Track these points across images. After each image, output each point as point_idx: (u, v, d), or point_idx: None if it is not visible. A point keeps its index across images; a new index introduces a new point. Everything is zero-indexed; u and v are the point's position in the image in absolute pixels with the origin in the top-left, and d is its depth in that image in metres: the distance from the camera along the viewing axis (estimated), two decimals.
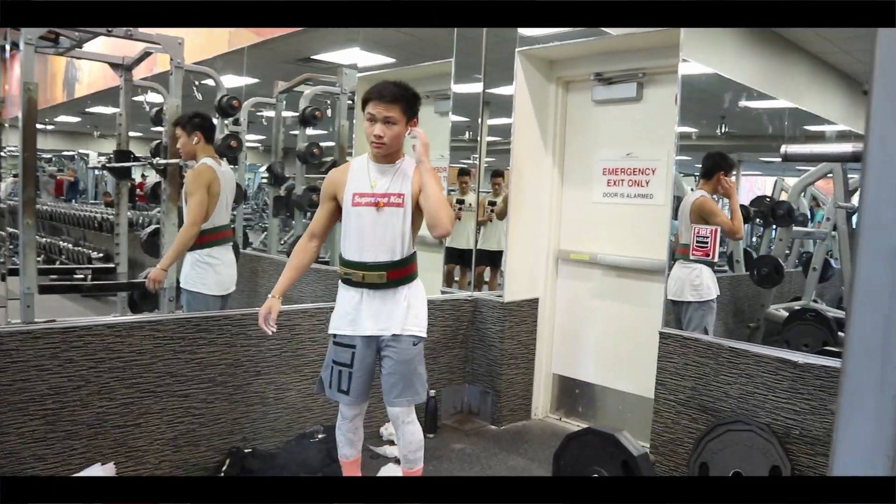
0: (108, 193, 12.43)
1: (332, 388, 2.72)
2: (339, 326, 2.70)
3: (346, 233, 2.66)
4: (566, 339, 4.29)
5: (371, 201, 2.61)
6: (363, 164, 2.68)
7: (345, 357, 2.68)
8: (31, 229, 4.55)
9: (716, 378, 3.22)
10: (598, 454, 2.82)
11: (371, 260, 2.61)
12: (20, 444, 2.70)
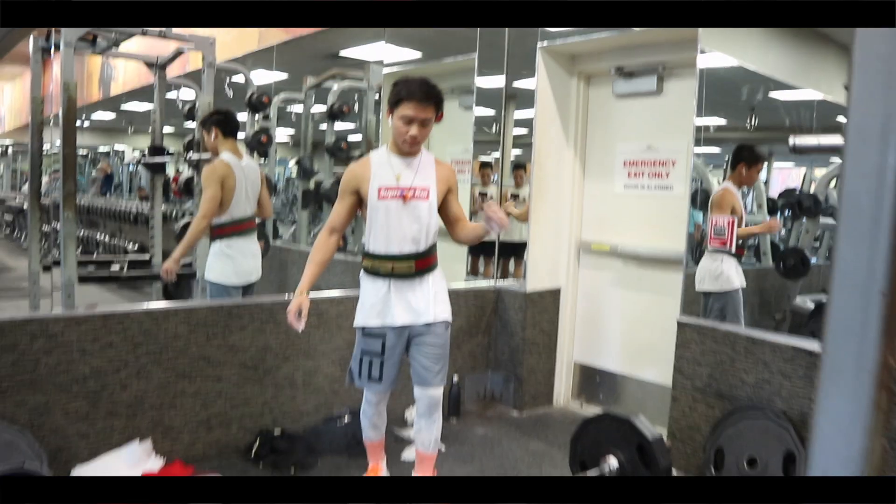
0: (142, 188, 12.71)
1: (363, 378, 2.79)
2: (367, 319, 2.75)
3: (372, 226, 2.69)
4: (587, 328, 4.37)
5: (397, 194, 2.66)
6: (384, 158, 2.71)
7: (375, 346, 2.74)
8: (71, 222, 4.74)
9: (732, 366, 3.28)
10: (614, 437, 2.90)
11: (398, 252, 2.68)
12: (65, 421, 2.87)
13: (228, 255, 3.86)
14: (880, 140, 1.04)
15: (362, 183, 2.68)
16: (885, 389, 1.08)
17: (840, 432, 1.10)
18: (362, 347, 2.78)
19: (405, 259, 2.70)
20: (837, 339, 1.10)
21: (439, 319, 2.76)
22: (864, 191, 1.09)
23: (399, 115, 2.59)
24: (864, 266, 1.06)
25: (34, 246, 5.73)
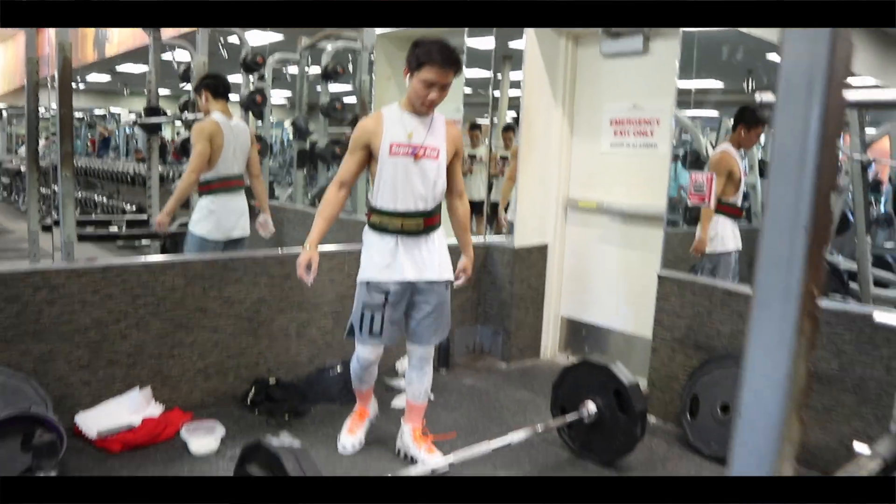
0: (139, 150, 12.75)
1: (364, 332, 2.79)
2: (373, 274, 2.75)
3: (381, 182, 2.70)
4: (574, 282, 4.49)
5: (409, 151, 2.67)
6: (397, 115, 2.71)
7: (378, 299, 2.75)
8: (69, 182, 4.82)
9: (709, 318, 3.41)
10: (593, 384, 3.03)
11: (407, 209, 2.70)
12: (68, 370, 3.00)
13: (212, 210, 4.02)
14: (806, 94, 1.15)
15: (374, 138, 2.68)
16: (807, 316, 1.20)
17: (768, 357, 1.21)
18: (364, 301, 2.78)
19: (414, 216, 2.72)
20: (767, 271, 1.21)
21: (443, 278, 2.82)
22: (791, 139, 1.19)
23: (420, 79, 2.57)
24: (791, 204, 1.17)
25: (33, 206, 5.82)
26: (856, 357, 2.89)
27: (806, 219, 1.16)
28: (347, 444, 3.04)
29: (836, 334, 2.93)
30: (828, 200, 1.21)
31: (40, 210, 5.98)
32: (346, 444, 3.04)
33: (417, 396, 2.98)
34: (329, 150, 6.44)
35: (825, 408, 2.97)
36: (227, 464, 2.87)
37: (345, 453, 3.01)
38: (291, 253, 3.63)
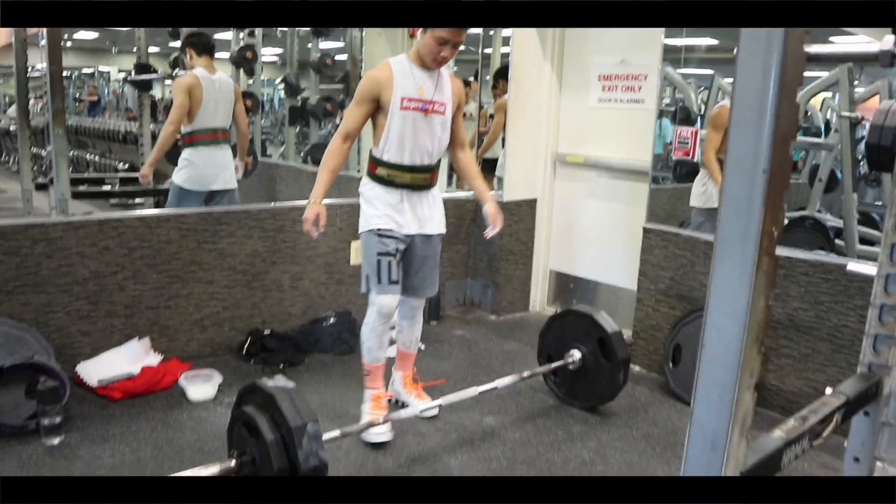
0: (129, 109, 12.65)
1: (383, 282, 2.71)
2: (381, 223, 2.71)
3: (390, 135, 2.65)
4: (562, 236, 4.57)
5: (419, 106, 2.64)
6: (406, 68, 2.65)
7: (390, 245, 2.71)
8: (62, 139, 4.85)
9: (692, 269, 3.50)
10: (578, 332, 3.14)
11: (414, 163, 2.70)
12: (68, 320, 3.09)
13: (191, 161, 4.14)
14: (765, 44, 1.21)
15: (385, 90, 2.62)
16: (766, 254, 1.28)
17: (730, 293, 1.29)
18: (378, 250, 2.71)
19: (422, 171, 2.73)
20: (729, 213, 1.29)
21: (440, 232, 2.88)
22: (750, 86, 1.26)
23: (434, 36, 2.55)
24: (750, 150, 1.24)
25: (25, 165, 5.84)
26: (831, 306, 2.99)
27: (765, 163, 1.24)
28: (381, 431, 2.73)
29: (813, 284, 3.03)
30: (787, 146, 1.28)
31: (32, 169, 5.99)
32: (378, 432, 2.72)
33: (409, 345, 3.07)
34: (320, 107, 6.45)
35: (802, 356, 3.08)
36: (225, 410, 2.97)
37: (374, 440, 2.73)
38: (284, 206, 3.72)
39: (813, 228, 4.69)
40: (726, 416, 1.28)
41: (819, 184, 4.69)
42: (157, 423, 2.83)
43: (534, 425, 2.98)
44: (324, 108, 6.44)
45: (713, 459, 1.32)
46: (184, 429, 2.80)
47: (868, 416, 2.17)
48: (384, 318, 2.78)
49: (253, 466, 2.04)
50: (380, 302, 2.75)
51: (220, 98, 4.16)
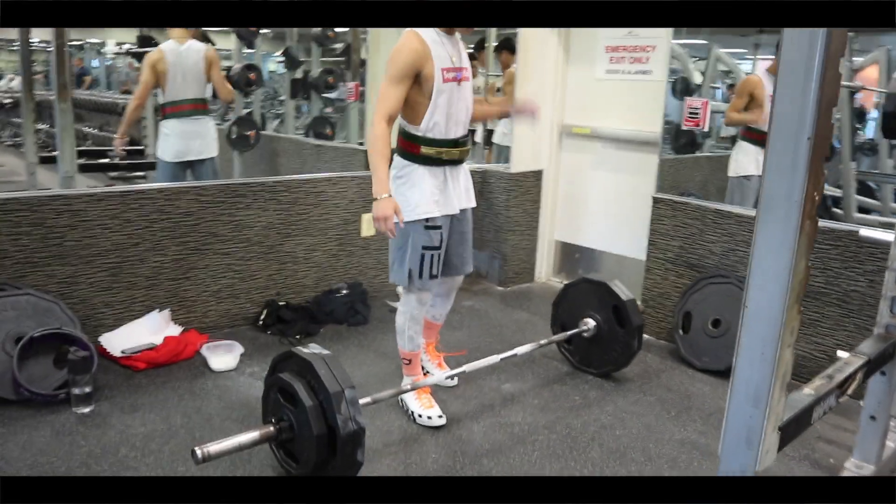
0: (125, 82, 12.52)
1: (424, 278, 2.61)
2: (430, 210, 2.56)
3: (435, 110, 2.50)
4: (568, 207, 4.62)
5: (455, 76, 2.52)
6: (436, 37, 2.48)
7: (436, 239, 2.60)
8: (67, 113, 4.84)
9: (701, 237, 3.57)
10: (591, 300, 3.20)
11: (458, 136, 2.59)
12: (91, 292, 3.12)
13: (166, 133, 4.26)
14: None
15: (426, 63, 2.44)
16: (809, 218, 1.34)
17: (773, 254, 1.36)
18: (423, 244, 2.58)
19: (464, 144, 2.62)
20: (773, 178, 1.34)
21: (474, 205, 2.80)
22: (797, 55, 1.31)
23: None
24: (796, 117, 1.30)
25: (29, 139, 5.82)
26: (841, 272, 3.06)
27: (810, 130, 1.29)
28: (434, 415, 2.70)
29: (823, 251, 3.10)
30: (829, 114, 1.34)
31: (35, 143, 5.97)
32: (432, 416, 2.70)
33: (438, 318, 3.02)
34: (322, 80, 6.45)
35: (811, 321, 3.16)
36: (247, 379, 3.03)
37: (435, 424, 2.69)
38: (299, 178, 3.76)
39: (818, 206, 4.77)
40: (769, 372, 1.35)
41: None
42: (184, 392, 2.89)
43: (551, 391, 3.06)
44: (326, 81, 6.43)
45: (755, 414, 1.39)
46: (210, 397, 2.86)
47: (884, 376, 2.25)
48: (423, 305, 2.72)
49: (291, 431, 2.10)
50: (418, 293, 2.67)
51: (187, 69, 4.21)
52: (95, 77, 15.34)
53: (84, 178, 7.00)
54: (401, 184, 2.58)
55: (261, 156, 6.25)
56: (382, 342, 3.51)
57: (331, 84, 6.47)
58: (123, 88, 11.94)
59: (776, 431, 1.44)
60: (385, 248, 4.14)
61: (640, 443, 2.64)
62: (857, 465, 2.33)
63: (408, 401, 2.75)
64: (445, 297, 2.97)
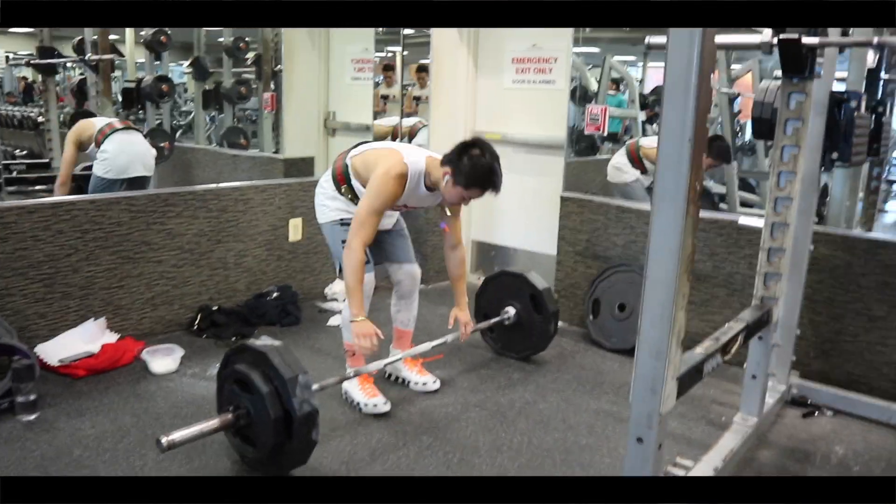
0: (10, 94, 12.03)
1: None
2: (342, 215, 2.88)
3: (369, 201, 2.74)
4: (483, 208, 4.91)
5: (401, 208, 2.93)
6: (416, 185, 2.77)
7: None
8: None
9: (606, 231, 3.92)
10: (511, 291, 3.49)
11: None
12: (24, 303, 3.16)
13: (108, 151, 4.24)
14: (688, 37, 1.56)
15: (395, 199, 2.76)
16: (692, 203, 1.65)
17: (666, 232, 1.66)
18: (343, 238, 2.80)
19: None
20: (664, 172, 1.65)
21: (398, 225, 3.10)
22: (679, 72, 1.61)
23: (465, 195, 2.72)
24: (679, 123, 1.60)
25: None
26: (726, 257, 3.47)
27: (690, 133, 1.60)
28: (379, 402, 2.90)
29: (710, 238, 3.50)
30: (705, 119, 1.66)
31: None
32: (377, 404, 2.89)
33: (407, 324, 3.19)
34: (234, 90, 6.52)
35: (702, 301, 3.56)
36: (190, 380, 3.15)
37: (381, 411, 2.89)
38: (227, 187, 3.89)
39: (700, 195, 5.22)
40: (666, 330, 1.66)
41: None
42: (128, 395, 2.98)
43: (478, 375, 3.33)
44: (238, 92, 6.51)
45: (657, 366, 1.69)
46: (155, 398, 2.96)
47: (761, 340, 2.64)
48: (366, 298, 2.88)
49: (248, 418, 2.27)
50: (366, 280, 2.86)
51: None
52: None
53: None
54: (324, 196, 2.96)
55: (174, 167, 6.26)
56: (316, 340, 3.69)
57: (243, 94, 6.55)
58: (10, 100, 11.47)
59: (675, 380, 1.75)
60: (312, 252, 4.33)
61: (561, 414, 2.95)
62: (742, 419, 2.71)
63: (352, 392, 2.94)
64: (408, 298, 3.15)
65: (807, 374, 3.22)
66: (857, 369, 3.16)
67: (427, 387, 3.12)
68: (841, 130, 2.67)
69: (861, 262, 3.11)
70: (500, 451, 2.62)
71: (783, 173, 2.55)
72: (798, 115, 2.49)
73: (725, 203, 5.16)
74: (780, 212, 2.58)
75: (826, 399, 3.07)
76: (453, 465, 2.50)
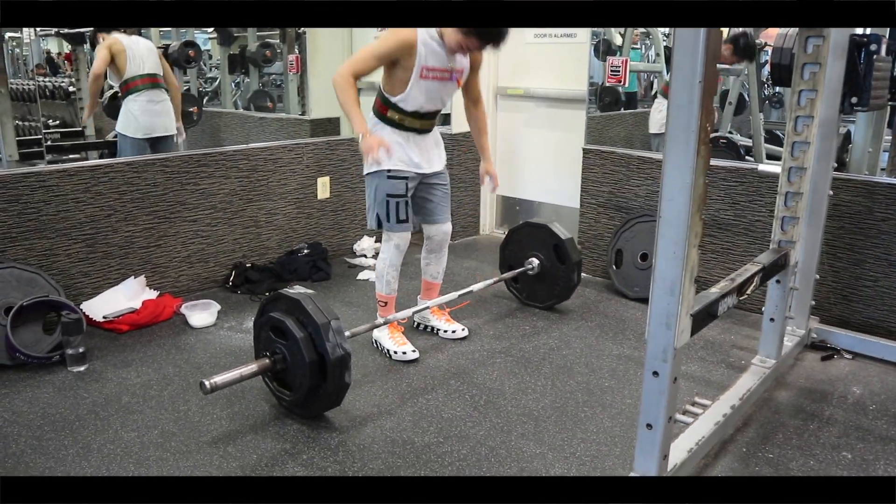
0: (39, 65, 12.23)
1: (392, 221, 2.91)
2: (392, 163, 2.85)
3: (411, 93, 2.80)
4: (507, 163, 4.98)
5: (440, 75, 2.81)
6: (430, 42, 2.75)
7: (401, 188, 2.88)
8: (4, 98, 4.91)
9: (628, 182, 3.97)
10: (534, 242, 3.57)
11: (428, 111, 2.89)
12: (69, 262, 3.32)
13: (131, 109, 4.42)
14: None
15: (407, 58, 2.73)
16: (703, 143, 1.71)
17: (678, 173, 1.72)
18: (388, 192, 2.87)
19: (430, 118, 2.92)
20: (676, 114, 1.70)
21: (443, 166, 3.07)
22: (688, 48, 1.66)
23: (463, 42, 2.69)
24: (689, 65, 1.65)
25: None
26: (747, 205, 3.51)
27: (700, 75, 1.65)
28: (408, 350, 3.01)
29: (731, 187, 3.53)
30: (714, 62, 1.70)
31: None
32: (406, 351, 3.00)
33: (435, 276, 3.25)
34: (260, 54, 6.59)
35: (724, 249, 3.61)
36: (227, 332, 3.29)
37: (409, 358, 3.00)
38: (256, 147, 3.99)
39: (726, 147, 5.20)
40: (679, 267, 1.73)
41: (729, 107, 5.16)
42: (170, 347, 3.14)
43: (503, 324, 3.43)
44: (263, 55, 6.58)
45: (671, 302, 1.77)
46: (195, 350, 3.12)
47: (779, 284, 2.70)
48: (401, 252, 3.01)
49: (284, 362, 2.40)
50: (395, 238, 2.97)
51: (143, 52, 4.44)
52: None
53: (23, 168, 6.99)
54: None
55: (202, 131, 6.38)
56: (347, 293, 3.82)
57: (268, 58, 6.62)
58: (40, 71, 11.67)
59: (689, 316, 1.83)
60: (340, 209, 4.44)
61: (584, 359, 3.04)
62: (761, 360, 2.78)
63: (382, 340, 3.07)
64: (438, 252, 3.20)
65: (827, 320, 3.28)
66: (877, 314, 3.20)
67: (456, 334, 3.23)
68: (861, 74, 2.68)
69: (882, 207, 3.13)
70: (525, 393, 2.73)
71: (800, 118, 2.58)
72: (815, 60, 2.51)
73: (752, 156, 5.15)
74: (797, 156, 2.61)
75: (845, 343, 3.13)
76: (480, 406, 2.62)
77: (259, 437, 2.39)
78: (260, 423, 2.48)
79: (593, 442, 2.40)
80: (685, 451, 2.14)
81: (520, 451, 2.34)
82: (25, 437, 2.39)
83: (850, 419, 2.57)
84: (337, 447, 2.34)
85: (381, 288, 3.08)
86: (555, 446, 2.37)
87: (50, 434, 2.41)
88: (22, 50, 13.98)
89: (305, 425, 2.47)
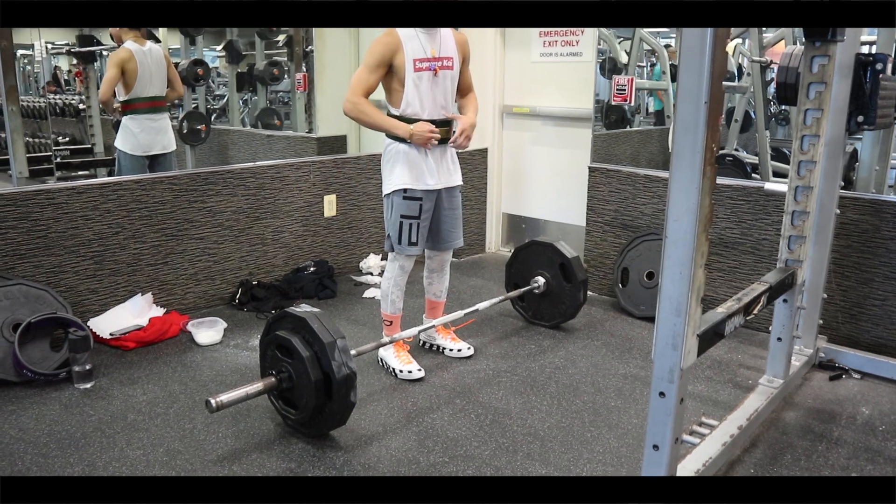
0: (50, 83, 12.35)
1: (403, 244, 2.91)
2: (406, 182, 2.85)
3: (407, 94, 2.80)
4: (513, 181, 4.99)
5: (429, 66, 2.81)
6: (410, 32, 2.79)
7: (414, 210, 2.88)
8: (16, 116, 4.95)
9: (634, 201, 3.97)
10: (540, 260, 3.57)
11: (434, 117, 2.85)
12: (77, 279, 3.33)
13: (128, 127, 4.44)
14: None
15: (397, 54, 2.76)
16: (709, 164, 1.71)
17: (684, 193, 1.72)
18: (402, 213, 2.88)
19: (440, 125, 2.86)
20: (682, 134, 1.71)
21: (460, 183, 3.04)
22: (695, 38, 1.67)
23: None
24: (695, 86, 1.66)
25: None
26: (753, 224, 3.51)
27: (706, 96, 1.66)
28: (413, 369, 3.01)
29: (737, 206, 3.53)
30: (721, 83, 1.71)
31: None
32: (412, 370, 3.01)
33: (438, 295, 3.26)
34: (268, 72, 6.64)
35: (730, 268, 3.60)
36: (233, 350, 3.29)
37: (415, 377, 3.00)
38: (263, 165, 4.01)
39: (732, 165, 5.20)
40: (686, 287, 1.73)
41: (735, 124, 5.17)
42: (176, 365, 3.14)
43: (509, 343, 3.42)
44: (271, 73, 6.63)
45: (678, 323, 1.77)
46: (201, 367, 3.12)
47: (786, 303, 2.69)
48: (405, 272, 3.03)
49: (290, 381, 2.40)
50: (401, 259, 2.99)
51: (154, 67, 4.45)
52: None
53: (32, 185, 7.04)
54: (385, 161, 2.94)
55: (210, 149, 6.42)
56: (353, 312, 3.82)
57: (276, 76, 6.67)
58: (50, 88, 11.77)
59: (695, 337, 1.82)
60: (346, 227, 4.45)
61: (590, 378, 3.03)
62: (768, 380, 2.77)
63: (388, 359, 3.07)
64: (439, 273, 3.22)
65: (835, 339, 3.26)
66: (886, 333, 3.19)
67: (462, 353, 3.23)
68: (866, 93, 2.69)
69: (889, 225, 3.12)
70: (531, 412, 2.72)
71: (806, 137, 2.58)
72: (821, 79, 2.51)
73: (758, 173, 5.15)
74: (804, 175, 2.61)
75: (854, 363, 3.11)
76: (485, 426, 2.61)
77: (264, 455, 2.39)
78: (265, 442, 2.48)
79: (599, 462, 2.39)
80: (692, 472, 2.13)
81: (525, 471, 2.33)
82: (31, 454, 2.39)
83: (860, 440, 2.54)
84: (342, 466, 2.34)
85: (386, 307, 3.10)
86: (561, 467, 2.35)
87: (56, 451, 2.41)
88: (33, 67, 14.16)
89: (311, 444, 2.46)
